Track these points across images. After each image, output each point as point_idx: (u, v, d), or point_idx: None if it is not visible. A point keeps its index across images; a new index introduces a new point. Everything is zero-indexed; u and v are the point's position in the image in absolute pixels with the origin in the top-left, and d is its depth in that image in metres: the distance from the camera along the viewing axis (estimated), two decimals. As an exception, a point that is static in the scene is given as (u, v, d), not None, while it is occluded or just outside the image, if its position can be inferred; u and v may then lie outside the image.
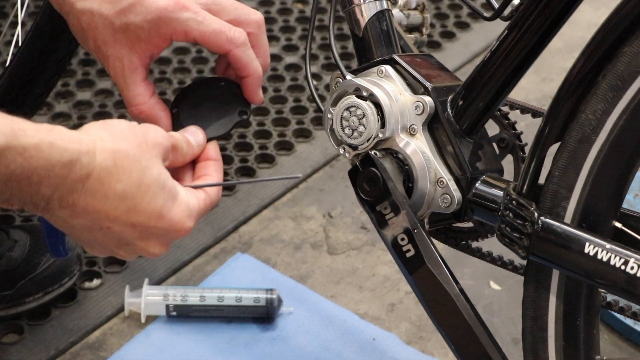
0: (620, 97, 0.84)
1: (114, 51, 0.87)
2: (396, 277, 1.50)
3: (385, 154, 0.98)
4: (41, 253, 1.40)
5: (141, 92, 0.89)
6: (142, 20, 0.85)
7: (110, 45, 0.87)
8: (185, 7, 0.86)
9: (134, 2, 0.85)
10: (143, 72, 0.88)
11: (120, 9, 0.85)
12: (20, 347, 1.37)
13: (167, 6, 0.85)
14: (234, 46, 0.88)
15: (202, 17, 0.86)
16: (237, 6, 0.90)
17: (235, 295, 1.40)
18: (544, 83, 1.93)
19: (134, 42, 0.86)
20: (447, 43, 2.01)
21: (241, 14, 0.90)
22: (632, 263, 0.83)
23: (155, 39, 0.86)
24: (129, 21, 0.85)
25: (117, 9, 0.85)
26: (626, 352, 1.41)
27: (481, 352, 0.94)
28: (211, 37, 0.87)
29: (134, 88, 0.88)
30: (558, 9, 0.89)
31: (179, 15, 0.85)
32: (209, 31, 0.87)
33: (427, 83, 0.98)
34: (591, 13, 1.99)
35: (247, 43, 0.89)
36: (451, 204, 0.96)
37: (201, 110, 0.93)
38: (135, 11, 0.85)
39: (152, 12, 0.85)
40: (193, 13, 0.86)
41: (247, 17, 0.90)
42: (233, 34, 0.88)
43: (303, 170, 1.69)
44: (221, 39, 0.87)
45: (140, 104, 0.89)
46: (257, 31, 0.90)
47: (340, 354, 1.37)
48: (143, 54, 0.87)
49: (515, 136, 1.01)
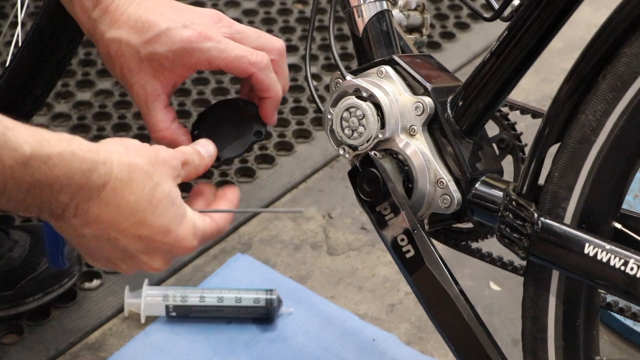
0: (620, 97, 0.84)
1: (139, 79, 0.91)
2: (396, 278, 1.50)
3: (385, 154, 0.98)
4: (41, 253, 1.40)
5: (163, 119, 0.93)
6: (166, 50, 0.89)
7: (135, 73, 0.91)
8: (208, 37, 0.89)
9: (159, 33, 0.89)
10: (165, 100, 0.92)
11: (147, 39, 0.89)
12: (20, 347, 1.36)
13: (191, 37, 0.89)
14: (256, 69, 0.92)
15: (224, 45, 0.90)
16: (260, 35, 0.94)
17: (235, 296, 1.40)
18: (544, 84, 1.94)
19: (158, 71, 0.90)
20: (447, 44, 2.01)
21: (264, 42, 0.94)
22: (631, 264, 0.83)
23: (179, 68, 0.90)
24: (154, 51, 0.89)
25: (144, 39, 0.89)
26: (626, 352, 1.41)
27: (481, 352, 0.94)
28: (234, 62, 0.90)
29: (155, 114, 0.92)
30: (558, 10, 0.89)
31: (202, 45, 0.89)
32: (232, 57, 0.90)
33: (427, 84, 0.98)
34: (591, 14, 1.99)
35: (270, 66, 0.93)
36: (451, 204, 0.96)
37: (219, 131, 0.96)
38: (161, 41, 0.89)
39: (177, 42, 0.88)
40: (215, 42, 0.90)
41: (270, 45, 0.94)
42: (255, 57, 0.92)
43: (303, 170, 1.69)
44: (244, 63, 0.91)
45: (162, 130, 0.93)
46: (279, 58, 0.95)
47: (340, 354, 1.37)
48: (166, 82, 0.91)
49: (515, 137, 1.01)
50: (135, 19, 0.90)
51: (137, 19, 0.90)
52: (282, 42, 0.96)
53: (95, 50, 1.92)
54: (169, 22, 0.89)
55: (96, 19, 0.91)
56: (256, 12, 2.04)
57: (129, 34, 0.89)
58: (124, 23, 0.90)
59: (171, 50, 0.89)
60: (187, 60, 0.89)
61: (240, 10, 2.04)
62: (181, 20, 0.89)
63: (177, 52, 0.89)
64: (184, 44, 0.88)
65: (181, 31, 0.89)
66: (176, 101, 1.82)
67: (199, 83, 1.87)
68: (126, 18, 0.90)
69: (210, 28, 0.90)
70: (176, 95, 1.83)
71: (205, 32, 0.89)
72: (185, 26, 0.89)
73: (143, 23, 0.89)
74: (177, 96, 1.83)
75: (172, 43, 0.88)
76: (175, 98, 1.83)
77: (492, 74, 0.95)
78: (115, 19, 0.90)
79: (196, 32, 0.89)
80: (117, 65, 0.92)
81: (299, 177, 1.68)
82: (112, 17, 0.90)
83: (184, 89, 1.85)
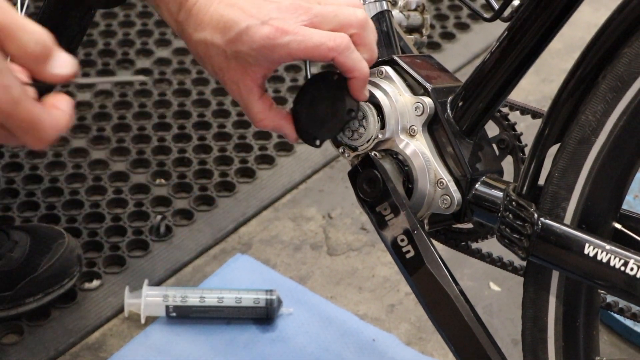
0: (620, 98, 0.84)
1: (230, 76, 0.93)
2: (396, 278, 1.50)
3: (385, 155, 0.98)
4: (41, 254, 1.40)
5: (260, 109, 0.94)
6: (248, 49, 0.90)
7: (225, 71, 0.92)
8: (285, 31, 0.89)
9: (240, 32, 0.89)
10: (259, 91, 0.94)
11: (229, 39, 0.90)
12: (20, 347, 1.37)
13: (269, 34, 0.89)
14: (336, 53, 0.91)
15: (301, 36, 0.90)
16: (338, 12, 0.92)
17: (235, 296, 1.40)
18: (544, 84, 1.94)
19: (246, 67, 0.92)
20: (447, 44, 2.01)
21: (342, 20, 0.92)
22: (631, 264, 0.83)
23: (263, 63, 0.91)
24: (238, 49, 0.90)
25: (227, 39, 0.90)
26: (626, 353, 1.41)
27: (481, 353, 0.93)
28: (313, 51, 0.90)
29: (252, 107, 0.94)
30: (558, 10, 0.89)
31: (281, 41, 0.89)
32: (310, 47, 0.90)
33: (427, 84, 0.98)
34: (591, 14, 1.99)
35: (350, 46, 0.92)
36: (451, 204, 0.96)
37: (316, 110, 0.97)
38: (242, 41, 0.90)
39: (257, 41, 0.89)
40: (293, 35, 0.89)
41: (348, 20, 0.92)
42: (334, 42, 0.91)
43: (303, 171, 1.69)
44: (323, 50, 0.90)
45: (262, 119, 0.95)
46: (360, 30, 0.92)
47: (340, 354, 1.37)
48: (255, 77, 0.93)
49: (515, 137, 1.01)
50: (217, 19, 0.90)
51: (219, 19, 0.90)
52: (361, 13, 0.93)
53: (95, 51, 1.92)
54: (248, 20, 0.89)
55: (182, 22, 0.92)
56: (256, 13, 2.04)
57: (213, 35, 0.91)
58: (207, 24, 0.91)
59: (253, 48, 0.90)
60: (270, 56, 0.90)
61: (240, 10, 2.04)
62: (260, 16, 0.89)
63: (259, 50, 0.90)
64: (263, 42, 0.89)
65: (260, 29, 0.89)
66: (176, 102, 1.82)
67: (199, 84, 1.87)
68: (209, 19, 0.91)
69: (288, 20, 0.90)
70: (176, 96, 1.84)
71: (282, 26, 0.89)
72: (263, 22, 0.89)
73: (225, 22, 0.90)
74: (177, 96, 1.83)
75: (252, 42, 0.89)
76: (175, 98, 1.83)
77: (492, 74, 0.95)
78: (199, 21, 0.91)
79: (274, 28, 0.89)
80: (208, 64, 0.93)
81: (299, 178, 1.68)
82: (196, 19, 0.91)
83: (184, 90, 1.85)
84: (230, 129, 1.76)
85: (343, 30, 0.91)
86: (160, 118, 1.78)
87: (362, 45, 0.93)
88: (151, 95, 1.83)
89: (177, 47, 1.94)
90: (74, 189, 1.62)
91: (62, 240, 1.42)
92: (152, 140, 1.73)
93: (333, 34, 0.91)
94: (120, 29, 1.98)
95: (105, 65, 1.89)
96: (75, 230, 1.54)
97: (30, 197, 1.60)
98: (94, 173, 1.66)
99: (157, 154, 1.71)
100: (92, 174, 1.66)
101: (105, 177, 1.65)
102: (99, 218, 1.57)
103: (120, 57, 1.92)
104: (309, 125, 0.98)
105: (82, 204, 1.59)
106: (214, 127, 1.76)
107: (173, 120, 1.78)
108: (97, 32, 1.97)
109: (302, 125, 0.98)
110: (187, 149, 1.71)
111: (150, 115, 1.78)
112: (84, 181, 1.64)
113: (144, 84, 1.85)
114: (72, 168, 1.66)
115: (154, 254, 1.52)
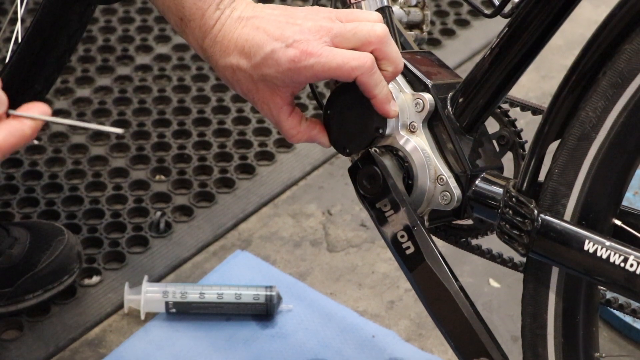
0: (621, 94, 0.84)
1: (259, 97, 0.95)
2: (395, 275, 1.50)
3: (385, 151, 0.98)
4: (41, 250, 1.40)
5: (292, 126, 0.97)
6: (275, 72, 0.92)
7: (254, 93, 0.95)
8: (310, 53, 0.91)
9: (265, 56, 0.91)
10: (289, 109, 0.96)
11: (255, 64, 0.92)
12: (20, 343, 1.37)
13: (294, 57, 0.91)
14: (359, 72, 0.92)
15: (325, 58, 0.91)
16: (357, 30, 0.93)
17: (235, 293, 1.40)
18: (544, 81, 1.94)
19: (274, 89, 0.94)
20: (447, 40, 2.01)
21: (361, 37, 0.93)
22: (631, 260, 0.83)
23: (290, 84, 0.93)
24: (265, 73, 0.92)
25: (253, 63, 0.92)
26: (625, 349, 1.41)
27: (480, 349, 0.94)
28: (337, 71, 0.92)
29: (284, 124, 0.96)
30: (558, 6, 0.89)
31: (306, 63, 0.91)
32: (334, 67, 0.92)
33: (427, 80, 0.98)
34: (591, 10, 1.99)
35: (372, 67, 0.93)
36: (451, 201, 0.96)
37: (346, 122, 0.99)
38: (268, 64, 0.91)
39: (283, 64, 0.91)
40: (317, 57, 0.91)
41: (367, 38, 0.93)
42: (357, 61, 0.92)
43: (302, 167, 1.69)
44: (346, 71, 0.92)
45: (294, 135, 0.97)
46: (380, 45, 0.93)
47: (339, 351, 1.37)
48: (284, 95, 0.95)
49: (515, 134, 1.01)
50: (242, 44, 0.92)
51: (244, 44, 0.92)
52: (380, 28, 0.93)
53: (94, 46, 1.92)
54: (272, 43, 0.91)
55: (207, 49, 0.94)
56: (256, 9, 2.04)
57: (239, 60, 0.92)
58: (232, 50, 0.92)
59: (280, 72, 0.92)
60: (297, 79, 0.92)
61: (240, 6, 2.04)
62: (284, 39, 0.91)
63: (286, 73, 0.92)
64: (289, 65, 0.91)
65: (285, 52, 0.91)
66: (176, 98, 1.82)
67: (198, 80, 1.87)
68: (234, 45, 0.92)
69: (312, 42, 0.91)
70: (176, 92, 1.84)
71: (306, 48, 0.91)
72: (288, 45, 0.91)
73: (250, 47, 0.92)
74: (177, 93, 1.83)
75: (278, 65, 0.91)
76: (175, 94, 1.82)
77: (493, 70, 0.94)
78: (224, 47, 0.93)
79: (299, 51, 0.91)
80: (237, 87, 0.95)
81: (299, 174, 1.68)
82: (221, 46, 0.93)
83: (184, 86, 1.85)
84: (230, 125, 1.76)
85: (364, 48, 0.93)
86: (159, 114, 1.78)
87: (385, 59, 0.94)
88: (151, 91, 1.83)
89: (176, 43, 1.94)
90: (73, 185, 1.62)
91: (62, 237, 1.42)
92: (152, 137, 1.73)
93: (357, 53, 0.92)
94: (119, 25, 1.98)
95: (104, 62, 1.89)
96: (75, 227, 1.53)
97: (30, 193, 1.60)
98: (94, 169, 1.66)
99: (157, 150, 1.71)
100: (92, 170, 1.66)
101: (104, 174, 1.65)
102: (99, 214, 1.57)
103: (120, 54, 1.91)
104: (340, 135, 0.99)
105: (82, 200, 1.59)
106: (213, 124, 1.76)
107: (173, 116, 1.78)
108: (96, 28, 1.97)
109: (333, 135, 0.99)
110: (187, 145, 1.71)
111: (150, 112, 1.78)
112: (83, 177, 1.64)
113: (144, 80, 1.85)
114: (72, 164, 1.66)
115: (153, 250, 1.52)
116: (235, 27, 0.93)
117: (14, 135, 0.75)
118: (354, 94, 0.96)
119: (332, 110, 0.99)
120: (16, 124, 0.75)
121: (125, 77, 1.86)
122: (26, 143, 0.77)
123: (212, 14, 0.92)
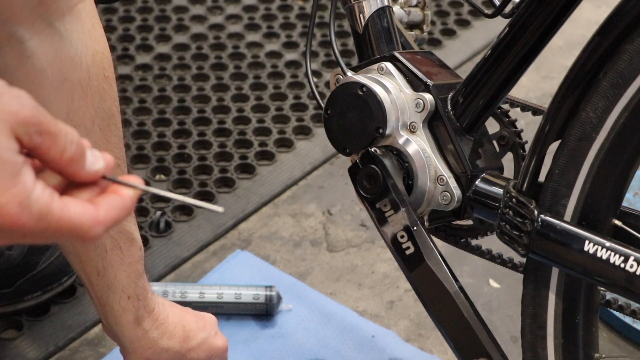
0: (621, 95, 0.83)
1: None
2: (395, 275, 1.50)
3: (385, 151, 0.98)
4: (40, 252, 1.40)
5: None
6: (205, 356, 1.13)
7: None
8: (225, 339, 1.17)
9: (201, 342, 1.12)
10: None
11: (190, 347, 1.11)
12: (20, 343, 1.36)
13: (224, 345, 1.16)
14: None
15: None
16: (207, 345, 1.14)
17: (235, 292, 1.40)
18: (545, 81, 1.93)
19: None
20: (447, 40, 2.01)
21: None
22: (631, 261, 0.83)
23: None
24: (193, 357, 1.12)
25: (188, 347, 1.11)
26: (625, 350, 1.41)
27: (480, 349, 0.94)
28: None
29: None
30: (559, 7, 0.89)
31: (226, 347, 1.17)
32: None
33: (427, 80, 0.98)
34: (592, 11, 1.99)
35: None
36: (451, 201, 0.96)
37: (346, 119, 1.00)
38: (203, 349, 1.12)
39: (213, 349, 1.13)
40: None
41: None
42: None
43: (302, 167, 1.69)
44: None
45: None
46: None
47: (339, 351, 1.37)
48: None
49: (516, 134, 1.01)
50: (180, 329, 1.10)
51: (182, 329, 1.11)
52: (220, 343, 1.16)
53: (95, 46, 1.92)
54: (203, 332, 1.13)
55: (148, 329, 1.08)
56: (256, 9, 2.04)
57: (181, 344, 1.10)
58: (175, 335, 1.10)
59: (208, 355, 1.13)
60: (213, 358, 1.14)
61: (240, 6, 2.04)
62: (209, 328, 1.14)
63: (211, 357, 1.13)
64: (219, 351, 1.14)
65: (215, 340, 1.13)
66: (176, 97, 1.82)
67: (199, 80, 1.87)
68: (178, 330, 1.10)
69: None
70: (176, 92, 1.83)
71: None
72: (216, 333, 1.14)
73: (188, 332, 1.11)
74: (177, 92, 1.83)
75: (210, 350, 1.12)
76: (175, 94, 1.82)
77: (493, 71, 0.95)
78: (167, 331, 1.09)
79: (225, 340, 1.15)
80: None
81: (299, 174, 1.68)
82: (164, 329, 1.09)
83: (184, 85, 1.85)
84: (230, 125, 1.76)
85: None
86: (160, 114, 1.78)
87: None
88: (151, 90, 1.83)
89: (177, 42, 1.94)
90: (73, 184, 1.62)
91: (61, 237, 1.42)
92: (152, 136, 1.73)
93: None
94: (120, 24, 1.98)
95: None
96: (75, 226, 1.53)
97: (30, 192, 1.60)
98: (94, 168, 1.66)
99: (157, 149, 1.71)
100: (92, 169, 1.65)
101: (105, 173, 1.65)
102: (99, 213, 1.57)
103: (120, 53, 1.91)
104: (340, 136, 1.00)
105: (82, 200, 1.59)
106: (213, 123, 1.76)
107: (173, 116, 1.78)
108: (97, 28, 1.97)
109: (333, 135, 1.00)
110: (187, 145, 1.71)
111: (150, 111, 1.78)
112: (83, 177, 1.64)
113: (144, 79, 1.85)
114: (72, 163, 1.66)
115: (153, 250, 1.52)
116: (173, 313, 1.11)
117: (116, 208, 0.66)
118: (353, 96, 0.96)
119: (332, 110, 0.99)
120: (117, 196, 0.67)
121: (125, 77, 1.86)
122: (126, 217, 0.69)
123: None
